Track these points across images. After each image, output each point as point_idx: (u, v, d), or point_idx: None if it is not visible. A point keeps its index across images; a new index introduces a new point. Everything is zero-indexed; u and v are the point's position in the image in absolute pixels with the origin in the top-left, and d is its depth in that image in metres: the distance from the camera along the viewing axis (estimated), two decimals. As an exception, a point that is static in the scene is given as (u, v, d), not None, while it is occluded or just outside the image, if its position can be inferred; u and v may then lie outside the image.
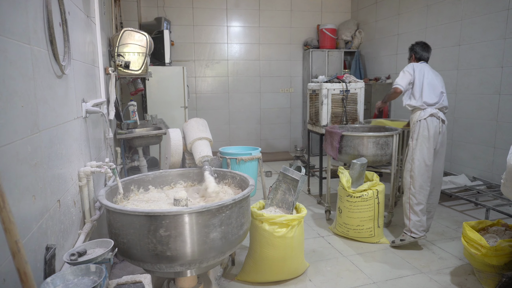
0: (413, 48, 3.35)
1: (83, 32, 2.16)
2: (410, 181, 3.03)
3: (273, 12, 6.90)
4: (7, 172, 1.03)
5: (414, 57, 3.33)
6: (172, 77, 5.27)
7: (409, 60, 3.38)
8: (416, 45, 3.34)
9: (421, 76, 3.15)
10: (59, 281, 1.16)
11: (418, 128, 3.05)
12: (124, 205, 2.10)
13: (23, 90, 1.17)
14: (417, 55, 3.31)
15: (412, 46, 3.37)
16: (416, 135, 3.05)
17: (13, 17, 1.13)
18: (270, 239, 2.44)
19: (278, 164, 6.27)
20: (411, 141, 3.08)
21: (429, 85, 3.15)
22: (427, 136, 3.02)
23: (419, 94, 3.14)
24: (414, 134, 3.08)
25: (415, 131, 3.07)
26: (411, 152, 3.07)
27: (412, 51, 3.36)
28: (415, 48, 3.34)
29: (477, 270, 2.52)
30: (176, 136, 2.61)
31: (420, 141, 3.02)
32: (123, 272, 2.22)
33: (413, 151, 3.04)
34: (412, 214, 3.00)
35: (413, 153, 3.04)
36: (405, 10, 5.74)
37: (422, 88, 3.14)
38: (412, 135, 3.09)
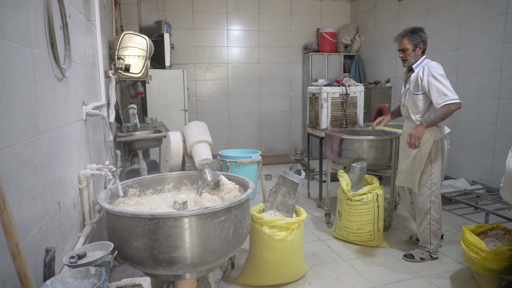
0: (421, 36, 2.66)
1: (83, 35, 2.16)
2: (430, 207, 2.79)
3: (273, 16, 6.93)
4: (7, 174, 1.03)
5: (422, 48, 2.67)
6: (172, 80, 5.28)
7: (414, 51, 2.68)
8: (422, 32, 2.68)
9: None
10: (59, 284, 1.16)
11: (436, 148, 2.71)
12: (124, 208, 2.10)
13: (23, 93, 1.18)
14: (425, 45, 2.68)
15: (417, 30, 2.67)
16: (434, 156, 2.71)
17: (14, 20, 1.13)
18: (270, 243, 2.43)
19: (278, 167, 6.27)
20: (429, 164, 2.72)
21: None
22: (441, 156, 2.74)
23: None
24: (432, 156, 2.72)
25: (433, 151, 2.71)
26: (428, 176, 2.74)
27: (420, 40, 2.65)
28: (423, 35, 2.67)
29: (477, 274, 2.52)
30: (176, 139, 2.62)
31: (438, 163, 2.73)
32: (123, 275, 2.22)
33: (431, 175, 2.73)
34: (433, 239, 2.85)
35: (431, 177, 2.74)
36: (404, 14, 5.77)
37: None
38: (430, 157, 2.72)
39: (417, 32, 2.63)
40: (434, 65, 2.58)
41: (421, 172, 2.75)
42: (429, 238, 2.85)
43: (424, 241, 2.89)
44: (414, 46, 2.62)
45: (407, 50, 2.65)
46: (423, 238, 2.89)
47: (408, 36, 2.63)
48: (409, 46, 2.63)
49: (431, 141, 2.68)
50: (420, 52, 2.64)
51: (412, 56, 2.66)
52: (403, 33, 2.67)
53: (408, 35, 2.64)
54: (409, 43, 2.62)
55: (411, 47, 2.62)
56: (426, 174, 2.74)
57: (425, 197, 2.78)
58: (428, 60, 2.64)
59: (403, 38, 2.66)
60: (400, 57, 2.73)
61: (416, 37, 2.61)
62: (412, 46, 2.62)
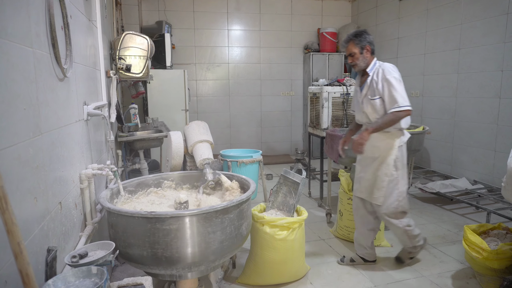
0: (366, 37, 2.54)
1: (84, 36, 2.17)
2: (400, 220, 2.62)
3: (274, 16, 6.93)
4: (9, 174, 1.03)
5: (370, 50, 2.55)
6: (173, 80, 5.29)
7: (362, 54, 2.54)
8: (366, 34, 2.56)
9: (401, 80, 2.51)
10: (61, 283, 1.16)
11: (401, 154, 2.56)
12: (125, 207, 2.10)
13: (25, 93, 1.18)
14: (372, 46, 2.56)
15: (361, 33, 2.56)
16: (400, 163, 2.56)
17: (16, 20, 1.14)
18: (271, 242, 2.44)
19: (278, 167, 6.27)
20: (394, 171, 2.55)
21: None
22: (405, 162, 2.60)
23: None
24: (397, 162, 2.55)
25: (399, 158, 2.55)
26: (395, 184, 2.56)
27: (365, 41, 2.53)
28: (367, 36, 2.55)
29: (478, 273, 2.51)
30: (177, 139, 2.62)
31: (404, 170, 2.58)
32: (124, 275, 2.22)
33: (398, 183, 2.57)
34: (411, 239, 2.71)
35: (398, 185, 2.56)
36: (405, 14, 5.77)
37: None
38: (396, 164, 2.55)
39: (360, 34, 2.54)
40: (388, 68, 2.49)
41: (388, 180, 2.57)
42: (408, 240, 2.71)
43: (403, 244, 2.79)
44: (361, 49, 2.52)
45: (355, 55, 2.54)
46: (403, 242, 2.77)
47: (353, 40, 2.54)
48: (355, 50, 2.53)
49: (396, 146, 2.53)
50: (368, 54, 2.54)
51: (361, 59, 2.55)
52: (347, 38, 2.59)
53: (352, 39, 2.55)
54: (355, 47, 2.53)
55: (358, 50, 2.53)
56: (393, 182, 2.56)
57: (393, 209, 2.60)
58: (382, 62, 2.56)
59: (347, 43, 2.57)
60: (349, 62, 2.62)
61: (360, 40, 2.52)
62: (358, 49, 2.52)
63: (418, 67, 5.55)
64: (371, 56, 2.56)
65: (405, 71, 5.84)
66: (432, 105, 5.30)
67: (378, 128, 2.47)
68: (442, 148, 5.14)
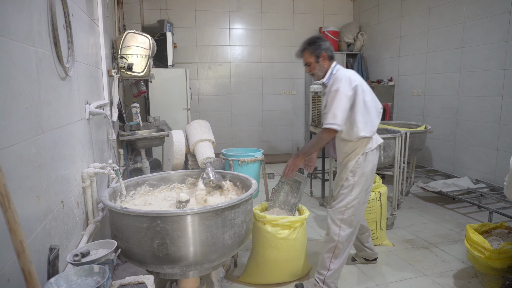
0: (321, 44, 2.35)
1: (86, 35, 2.17)
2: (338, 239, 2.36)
3: (275, 15, 6.92)
4: (11, 173, 1.03)
5: (327, 57, 2.37)
6: (175, 79, 5.29)
7: (318, 63, 2.37)
8: (321, 40, 2.38)
9: (362, 88, 2.28)
10: (63, 282, 1.16)
11: (364, 161, 2.35)
12: (127, 206, 2.11)
13: (27, 91, 1.18)
14: (329, 53, 2.37)
15: (315, 40, 2.38)
16: (360, 171, 2.35)
17: (18, 19, 1.14)
18: (273, 241, 2.44)
19: (280, 166, 6.27)
20: (351, 177, 2.35)
21: (373, 100, 2.36)
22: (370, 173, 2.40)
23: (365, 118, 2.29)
24: (356, 169, 2.35)
25: (359, 164, 2.34)
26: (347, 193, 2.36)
27: (321, 49, 2.34)
28: (322, 43, 2.36)
29: (480, 273, 2.51)
30: (179, 138, 2.62)
31: (362, 180, 2.36)
32: (126, 274, 2.23)
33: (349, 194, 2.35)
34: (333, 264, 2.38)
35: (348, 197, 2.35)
36: (407, 12, 5.75)
37: (368, 107, 2.30)
38: (354, 170, 2.35)
39: (314, 42, 2.36)
40: (338, 77, 2.27)
41: (342, 185, 2.39)
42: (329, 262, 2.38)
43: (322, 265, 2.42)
44: (316, 57, 2.35)
45: (311, 64, 2.39)
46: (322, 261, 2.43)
47: (307, 49, 2.38)
48: (311, 59, 2.37)
49: (359, 152, 2.34)
50: (325, 61, 2.36)
51: (317, 68, 2.38)
52: (301, 47, 2.43)
53: (306, 48, 2.39)
54: (310, 56, 2.37)
55: (313, 59, 2.36)
56: (347, 188, 2.36)
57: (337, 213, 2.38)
58: (338, 69, 2.35)
59: (302, 52, 2.42)
60: (307, 72, 2.48)
61: (315, 48, 2.34)
62: (314, 58, 2.36)
63: (420, 66, 5.53)
64: (328, 62, 2.38)
65: (407, 70, 5.83)
66: (434, 104, 5.29)
67: (307, 152, 2.36)
68: (444, 147, 5.13)
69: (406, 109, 5.90)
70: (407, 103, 5.87)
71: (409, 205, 4.22)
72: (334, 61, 2.41)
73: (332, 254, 2.38)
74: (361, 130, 2.27)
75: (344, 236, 2.36)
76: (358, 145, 2.35)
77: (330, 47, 2.40)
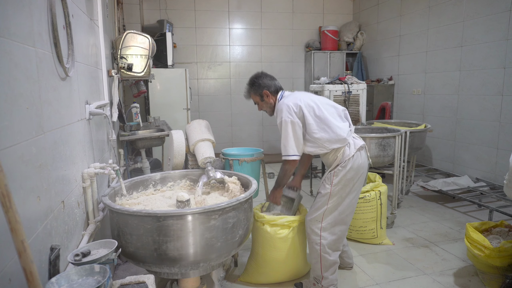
0: (260, 83, 2.39)
1: (86, 35, 2.17)
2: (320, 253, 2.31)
3: (275, 14, 6.93)
4: (12, 173, 1.04)
5: (269, 94, 2.40)
6: (175, 79, 5.29)
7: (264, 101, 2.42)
8: (260, 79, 2.41)
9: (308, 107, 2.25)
10: (64, 281, 1.17)
11: (344, 172, 2.26)
12: (127, 206, 2.11)
13: (28, 92, 1.18)
14: (271, 89, 2.40)
15: (254, 80, 2.43)
16: (337, 182, 2.25)
17: (18, 20, 1.14)
18: (272, 241, 2.44)
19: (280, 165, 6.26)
20: (328, 185, 2.28)
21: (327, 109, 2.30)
22: (353, 178, 2.27)
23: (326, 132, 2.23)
24: (334, 178, 2.26)
25: (338, 176, 2.26)
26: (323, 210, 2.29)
27: (261, 88, 2.39)
28: (262, 82, 2.40)
29: (481, 271, 2.51)
30: (179, 137, 2.62)
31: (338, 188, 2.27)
32: (126, 273, 2.23)
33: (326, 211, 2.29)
34: (325, 272, 2.35)
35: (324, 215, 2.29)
36: (407, 11, 5.75)
37: (323, 120, 2.24)
38: (331, 179, 2.28)
39: (253, 83, 2.42)
40: (278, 108, 2.31)
41: (318, 193, 2.36)
42: (320, 271, 2.36)
43: (315, 273, 2.41)
44: (260, 96, 2.40)
45: (258, 103, 2.47)
46: (314, 270, 2.42)
47: (250, 91, 2.46)
48: (257, 99, 2.45)
49: (338, 162, 2.29)
50: (269, 98, 2.40)
51: (265, 106, 2.44)
52: (246, 89, 2.50)
53: (250, 90, 2.46)
54: (255, 96, 2.43)
55: (258, 98, 2.42)
56: (323, 197, 2.30)
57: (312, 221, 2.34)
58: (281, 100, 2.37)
59: (248, 94, 2.50)
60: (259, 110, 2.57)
61: (255, 88, 2.40)
62: (258, 97, 2.42)
63: (420, 65, 5.53)
64: (273, 97, 2.41)
65: (407, 69, 5.84)
66: (434, 103, 5.29)
67: (280, 184, 2.45)
68: (444, 146, 5.13)
69: (406, 108, 5.91)
70: (407, 102, 5.87)
71: (409, 204, 4.22)
72: (280, 91, 2.42)
73: (320, 264, 2.34)
74: (327, 145, 2.25)
75: (326, 245, 2.31)
76: (336, 155, 2.29)
77: (271, 82, 2.40)
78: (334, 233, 2.33)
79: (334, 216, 2.30)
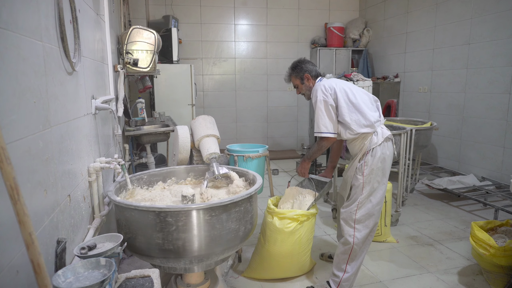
0: (302, 67, 2.48)
1: (92, 30, 2.18)
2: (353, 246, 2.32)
3: (281, 10, 6.90)
4: (20, 166, 1.05)
5: (310, 77, 2.48)
6: (180, 75, 5.29)
7: (304, 84, 2.49)
8: (302, 63, 2.50)
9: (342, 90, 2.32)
10: (70, 274, 1.18)
11: (373, 158, 2.29)
12: (132, 201, 2.12)
13: (35, 86, 1.19)
14: (312, 73, 2.48)
15: (297, 64, 2.52)
16: (368, 170, 2.29)
17: (26, 14, 1.14)
18: (279, 234, 2.45)
19: (284, 162, 6.27)
20: (360, 176, 2.30)
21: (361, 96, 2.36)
22: (381, 168, 2.30)
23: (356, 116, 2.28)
24: (364, 168, 2.29)
25: (368, 163, 2.29)
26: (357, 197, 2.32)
27: (303, 71, 2.47)
28: (304, 66, 2.49)
29: (485, 270, 2.50)
30: (184, 133, 2.63)
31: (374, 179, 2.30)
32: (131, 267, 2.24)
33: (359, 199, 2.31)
34: (349, 266, 2.36)
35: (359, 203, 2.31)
36: (414, 8, 5.70)
37: (356, 105, 2.29)
38: (362, 169, 2.30)
39: (296, 66, 2.51)
40: (314, 91, 2.37)
41: (351, 184, 2.39)
42: (345, 264, 2.35)
43: (337, 267, 2.40)
44: (301, 79, 2.50)
45: (298, 86, 2.55)
46: (337, 262, 2.40)
47: (292, 74, 2.54)
48: (297, 82, 2.53)
49: (365, 149, 2.30)
50: (310, 81, 2.48)
51: (305, 89, 2.52)
52: (287, 73, 2.59)
53: (291, 73, 2.55)
54: (296, 79, 2.53)
55: (299, 81, 2.52)
56: (357, 187, 2.32)
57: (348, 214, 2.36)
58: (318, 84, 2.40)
59: (289, 77, 2.59)
60: (298, 94, 2.63)
61: (298, 71, 2.50)
62: (299, 81, 2.51)
63: (426, 62, 5.49)
64: (313, 81, 2.49)
65: (413, 66, 5.79)
66: (440, 100, 5.26)
67: (311, 158, 2.49)
68: (450, 144, 5.10)
69: (412, 106, 5.87)
70: (413, 100, 5.83)
71: (414, 202, 4.21)
72: (319, 77, 2.50)
73: (348, 256, 2.34)
74: (356, 128, 2.28)
75: (360, 238, 2.31)
76: (363, 142, 2.32)
77: (312, 67, 2.50)
78: (368, 227, 2.34)
79: (367, 208, 2.32)
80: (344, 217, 2.38)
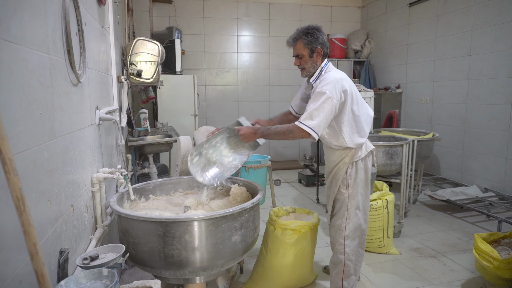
0: (319, 37, 2.05)
1: (98, 42, 2.21)
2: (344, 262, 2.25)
3: (283, 22, 6.97)
4: (25, 177, 1.06)
5: (321, 53, 2.08)
6: (183, 86, 5.34)
7: (312, 58, 2.08)
8: (319, 32, 2.06)
9: (351, 95, 2.03)
10: (73, 284, 1.18)
11: (356, 170, 2.17)
12: (135, 211, 2.13)
13: (41, 97, 1.21)
14: (325, 50, 2.09)
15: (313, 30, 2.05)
16: (352, 181, 2.16)
17: (34, 28, 1.17)
18: (281, 246, 2.44)
19: (287, 172, 6.26)
20: (345, 189, 2.18)
21: (362, 107, 2.14)
22: (364, 180, 2.21)
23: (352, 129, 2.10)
24: (348, 180, 2.16)
25: (352, 175, 2.16)
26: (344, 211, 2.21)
27: (318, 42, 2.05)
28: (320, 36, 2.06)
29: (489, 283, 2.48)
30: (187, 143, 2.64)
31: (358, 191, 2.19)
32: (133, 278, 2.24)
33: (347, 211, 2.20)
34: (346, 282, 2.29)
35: (347, 215, 2.20)
36: (415, 20, 5.75)
37: (356, 117, 2.09)
38: (347, 182, 2.17)
39: (312, 33, 2.03)
40: (326, 78, 1.99)
41: (334, 199, 2.26)
42: (341, 281, 2.29)
43: (334, 285, 2.34)
44: (311, 51, 2.04)
45: (303, 57, 2.08)
46: (333, 281, 2.34)
47: (302, 39, 2.04)
48: (304, 52, 2.06)
49: (347, 161, 2.15)
50: (319, 58, 2.07)
51: (310, 64, 2.08)
52: (296, 35, 2.08)
53: (302, 37, 2.05)
54: (304, 48, 2.05)
55: (307, 52, 2.05)
56: (342, 203, 2.20)
57: (336, 228, 2.27)
58: (329, 69, 2.08)
59: (296, 41, 2.08)
60: (296, 65, 2.15)
61: (312, 39, 2.02)
62: (308, 52, 2.05)
63: (428, 74, 5.52)
64: (321, 60, 2.10)
65: (415, 77, 5.82)
66: (442, 111, 5.27)
67: (267, 136, 2.08)
68: (452, 155, 5.09)
69: (414, 117, 5.88)
70: (415, 111, 5.84)
71: (417, 213, 4.18)
72: (326, 59, 2.15)
73: (342, 273, 2.28)
74: (347, 142, 2.10)
75: (350, 252, 2.26)
76: (346, 153, 2.16)
77: (327, 43, 2.12)
78: (356, 238, 2.27)
79: (355, 222, 2.24)
80: (334, 235, 2.31)
